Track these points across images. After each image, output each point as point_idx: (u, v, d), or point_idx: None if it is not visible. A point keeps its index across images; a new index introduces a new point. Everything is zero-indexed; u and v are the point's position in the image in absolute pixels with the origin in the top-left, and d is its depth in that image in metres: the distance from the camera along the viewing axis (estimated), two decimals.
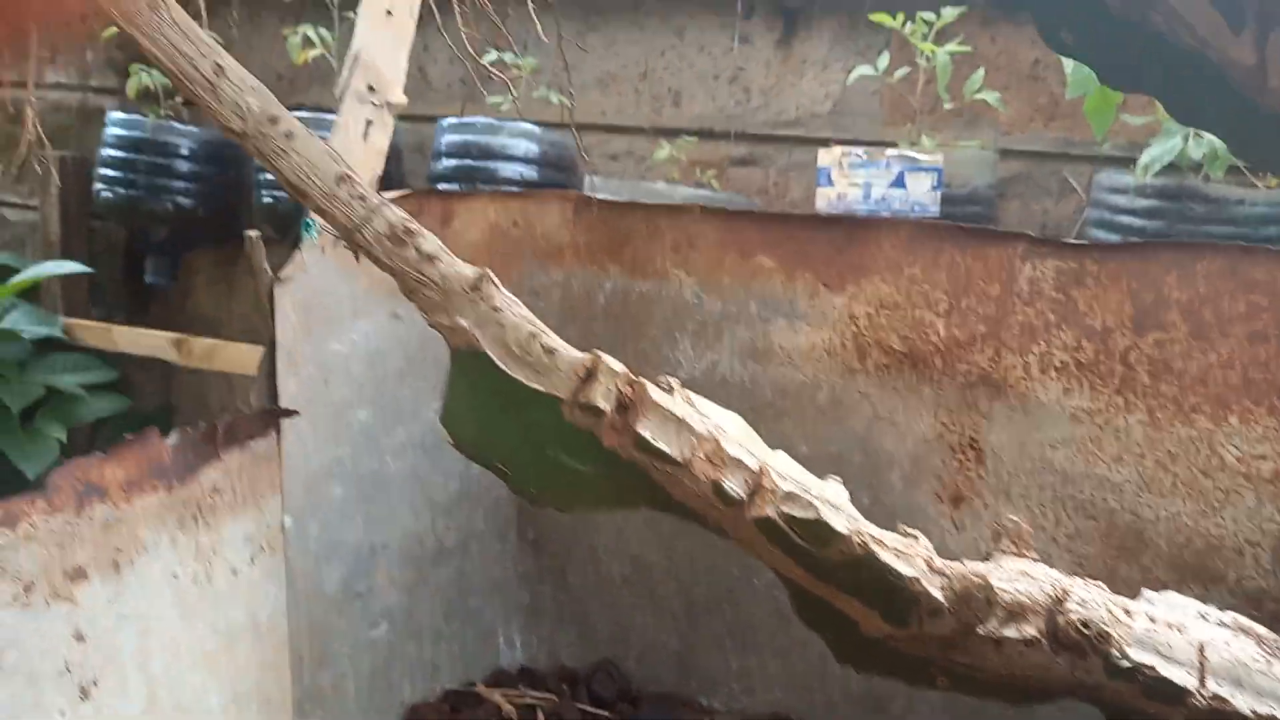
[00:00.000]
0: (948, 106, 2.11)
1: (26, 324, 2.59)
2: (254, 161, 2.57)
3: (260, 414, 0.97)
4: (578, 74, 2.55)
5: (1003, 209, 2.26)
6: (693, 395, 0.67)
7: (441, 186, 2.27)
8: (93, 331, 2.71)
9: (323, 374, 1.02)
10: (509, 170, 2.34)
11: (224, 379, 2.97)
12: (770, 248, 1.06)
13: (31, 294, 2.63)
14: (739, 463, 0.63)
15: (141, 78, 2.55)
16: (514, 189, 2.06)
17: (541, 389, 0.65)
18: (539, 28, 2.42)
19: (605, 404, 0.64)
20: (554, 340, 0.65)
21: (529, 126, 2.36)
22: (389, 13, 1.12)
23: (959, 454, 1.05)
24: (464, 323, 0.64)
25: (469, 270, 0.66)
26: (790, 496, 0.62)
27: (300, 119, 2.39)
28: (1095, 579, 0.71)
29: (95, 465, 0.83)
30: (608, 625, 1.28)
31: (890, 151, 2.02)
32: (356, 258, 0.66)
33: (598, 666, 1.33)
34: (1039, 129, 2.29)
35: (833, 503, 0.63)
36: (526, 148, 2.35)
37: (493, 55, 2.42)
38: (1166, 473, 0.99)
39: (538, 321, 0.66)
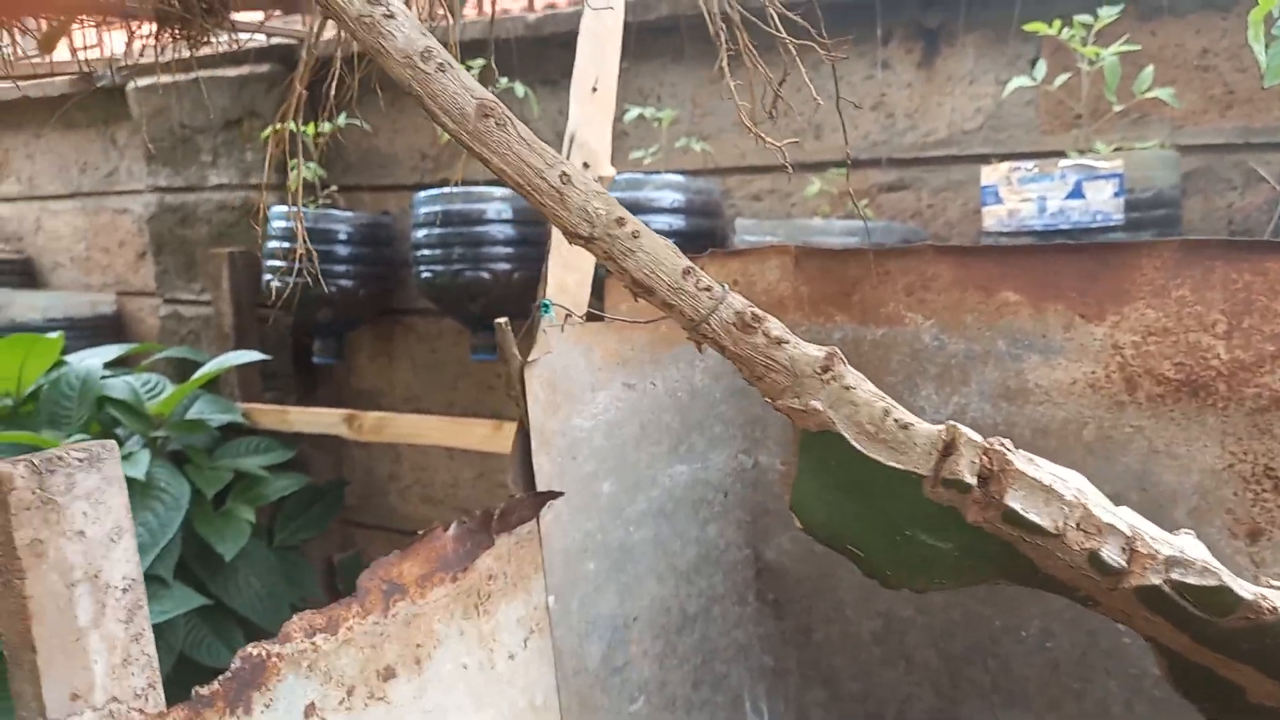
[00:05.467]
0: (1117, 109, 2.02)
1: (211, 412, 2.74)
2: (409, 239, 2.68)
3: (529, 498, 0.98)
4: (714, 119, 2.56)
5: (1185, 207, 2.15)
6: (1033, 456, 0.63)
7: None
8: (269, 414, 2.85)
9: (571, 449, 1.02)
10: (658, 222, 2.36)
11: (390, 449, 3.08)
12: (1014, 281, 1.02)
13: (212, 384, 2.79)
14: (1112, 528, 0.59)
15: (300, 172, 2.70)
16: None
17: (900, 466, 0.62)
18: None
19: (970, 478, 0.61)
20: (907, 415, 0.63)
21: (673, 177, 2.37)
22: (594, 89, 1.13)
23: (1253, 484, 0.97)
24: (816, 404, 0.63)
25: (817, 351, 0.64)
26: (1176, 561, 0.58)
27: (449, 192, 2.47)
28: None
29: (394, 564, 0.85)
30: (858, 684, 1.23)
31: (1064, 162, 1.94)
32: (699, 348, 0.65)
33: None
34: (1215, 120, 2.17)
35: (1216, 565, 0.58)
36: (673, 198, 2.37)
37: (633, 112, 2.46)
38: None
39: (887, 397, 0.63)
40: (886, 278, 1.08)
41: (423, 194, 2.56)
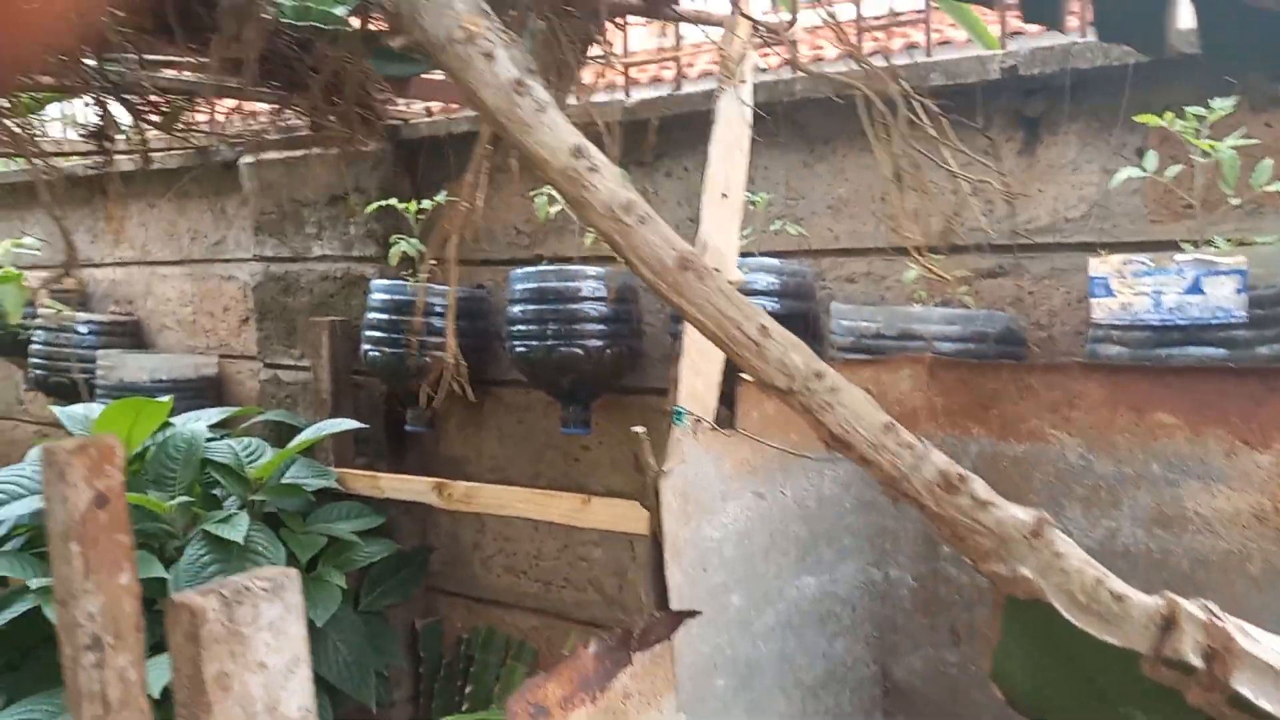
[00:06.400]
0: (1234, 202, 1.97)
1: (306, 476, 2.81)
2: (502, 312, 2.73)
3: (666, 616, 0.97)
4: (807, 202, 2.58)
5: None
6: (1247, 626, 0.60)
7: None
8: (361, 480, 2.90)
9: (701, 560, 1.02)
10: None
11: (475, 517, 3.10)
12: (1170, 403, 0.99)
13: (308, 447, 2.85)
14: None
15: (401, 246, 2.78)
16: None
17: (1114, 642, 0.60)
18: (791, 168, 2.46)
19: (1196, 659, 0.58)
20: (1121, 584, 0.61)
21: (768, 260, 2.38)
22: (725, 195, 1.15)
23: None
24: (1025, 572, 0.61)
25: (1025, 514, 0.63)
26: None
27: (545, 270, 2.50)
28: None
29: (539, 686, 0.84)
30: None
31: (1181, 256, 1.89)
32: (894, 503, 0.65)
33: None
34: None
35: None
36: (767, 281, 2.37)
37: None
38: None
39: (1098, 564, 0.62)
40: (1028, 393, 1.06)
41: (519, 271, 2.61)
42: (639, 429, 1.02)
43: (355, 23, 1.09)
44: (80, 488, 0.54)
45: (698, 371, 1.08)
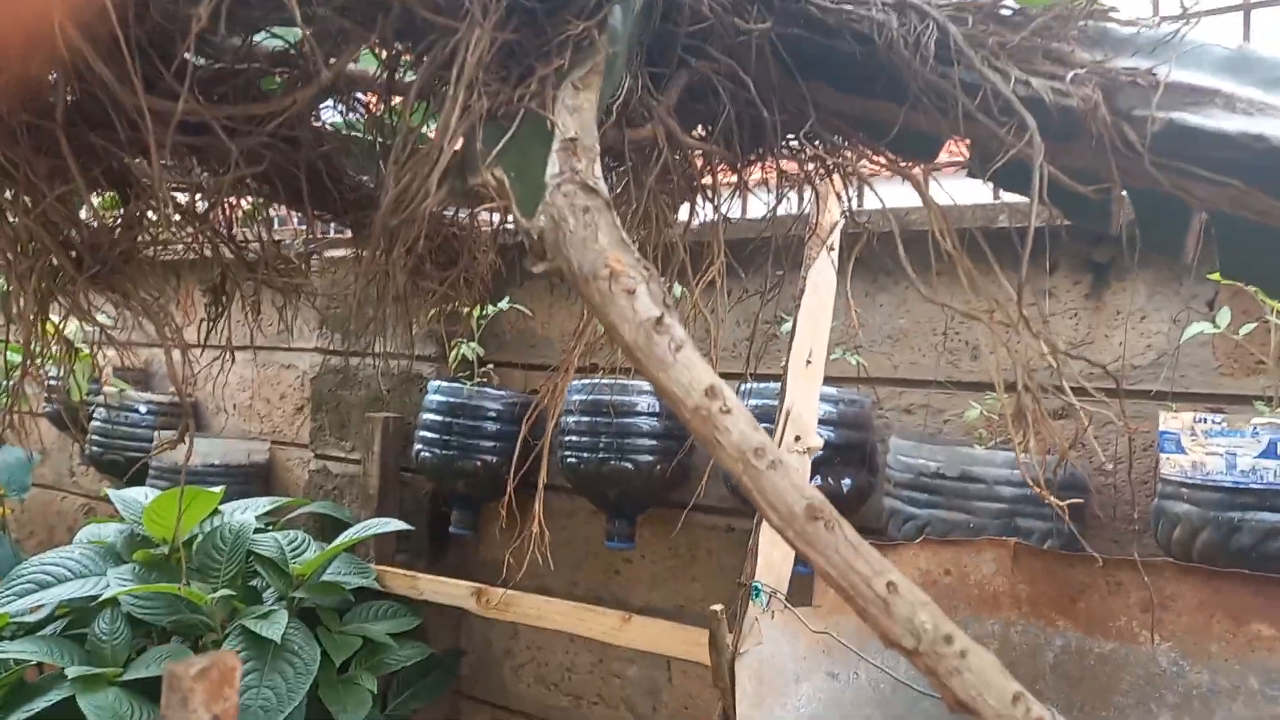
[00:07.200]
0: None
1: (347, 573, 2.79)
2: (557, 422, 2.74)
3: None
4: (866, 331, 2.58)
5: None
6: None
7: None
8: (400, 579, 2.88)
9: None
10: None
11: (510, 624, 3.05)
12: (1271, 614, 0.95)
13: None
14: None
15: (461, 350, 2.82)
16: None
17: None
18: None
19: None
20: None
21: (826, 389, 2.37)
22: (809, 362, 1.16)
23: None
24: None
25: None
26: None
27: (600, 383, 2.49)
28: None
29: None
30: None
31: (1258, 419, 1.86)
32: None
33: None
34: None
35: None
36: (825, 410, 2.35)
37: (788, 323, 2.51)
38: None
39: None
40: (1118, 589, 1.03)
41: (577, 382, 2.63)
42: (717, 607, 1.00)
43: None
44: (200, 713, 0.54)
45: (775, 541, 1.06)
